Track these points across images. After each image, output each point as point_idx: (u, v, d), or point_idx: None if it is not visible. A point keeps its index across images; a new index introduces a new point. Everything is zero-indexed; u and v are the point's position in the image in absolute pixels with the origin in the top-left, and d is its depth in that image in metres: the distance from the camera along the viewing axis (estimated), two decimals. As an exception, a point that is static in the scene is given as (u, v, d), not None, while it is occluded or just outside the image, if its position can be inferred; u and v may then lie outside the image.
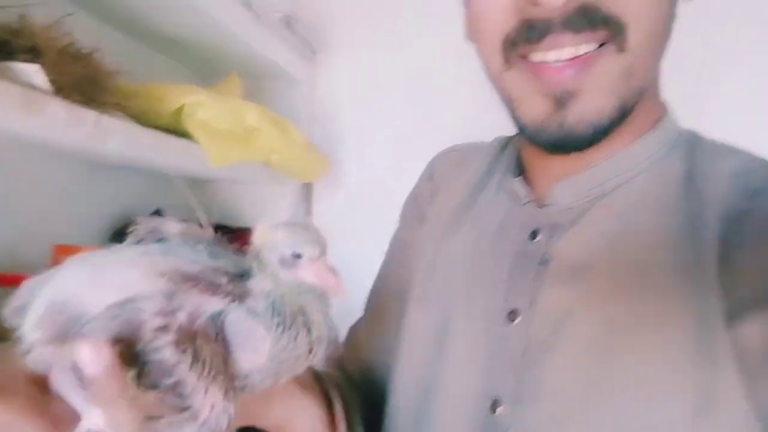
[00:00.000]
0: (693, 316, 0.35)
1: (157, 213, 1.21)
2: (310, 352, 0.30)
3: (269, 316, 0.29)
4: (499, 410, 0.39)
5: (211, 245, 0.32)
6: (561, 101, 0.38)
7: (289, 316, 0.29)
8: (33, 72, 0.58)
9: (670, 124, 0.45)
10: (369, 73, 1.37)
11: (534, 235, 0.44)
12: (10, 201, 0.80)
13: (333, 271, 0.31)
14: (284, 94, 1.37)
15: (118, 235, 1.15)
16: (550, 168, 0.45)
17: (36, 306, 0.27)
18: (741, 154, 0.43)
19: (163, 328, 0.26)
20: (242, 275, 0.30)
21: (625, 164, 0.42)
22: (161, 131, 0.89)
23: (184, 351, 0.26)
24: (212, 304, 0.28)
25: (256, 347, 0.28)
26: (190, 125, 0.90)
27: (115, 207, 1.18)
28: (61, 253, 0.88)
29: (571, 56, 0.37)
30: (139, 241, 0.31)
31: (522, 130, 0.41)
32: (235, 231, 1.36)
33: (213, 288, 0.28)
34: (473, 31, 0.44)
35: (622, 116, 0.39)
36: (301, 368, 0.31)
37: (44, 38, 0.71)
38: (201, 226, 0.33)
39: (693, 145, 0.44)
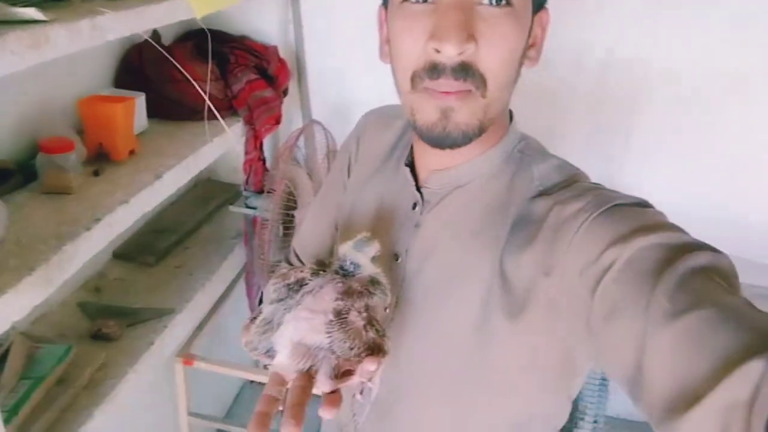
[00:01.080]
0: (490, 262, 0.58)
1: (155, 33, 1.30)
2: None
3: (384, 289, 0.57)
4: (387, 310, 0.64)
5: (329, 270, 0.58)
6: (445, 113, 0.55)
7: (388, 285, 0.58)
8: (33, 13, 0.67)
9: (510, 139, 0.63)
10: None
11: (414, 206, 0.65)
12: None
13: None
14: None
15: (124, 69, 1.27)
16: (429, 162, 0.64)
17: (281, 347, 0.52)
18: (549, 161, 0.61)
19: (366, 320, 0.53)
20: (353, 273, 0.58)
21: (474, 168, 0.62)
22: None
23: (371, 322, 0.53)
24: (368, 299, 0.55)
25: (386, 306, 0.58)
26: (170, -20, 0.96)
27: (120, 44, 1.27)
28: (85, 107, 1.03)
29: (454, 90, 0.53)
30: (291, 289, 0.56)
31: (417, 129, 0.58)
32: (234, 38, 1.45)
33: (365, 292, 0.55)
34: (387, 56, 0.60)
35: (480, 132, 0.57)
36: None
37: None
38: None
39: (522, 153, 0.62)
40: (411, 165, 0.67)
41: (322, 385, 0.50)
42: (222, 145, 1.25)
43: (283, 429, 0.46)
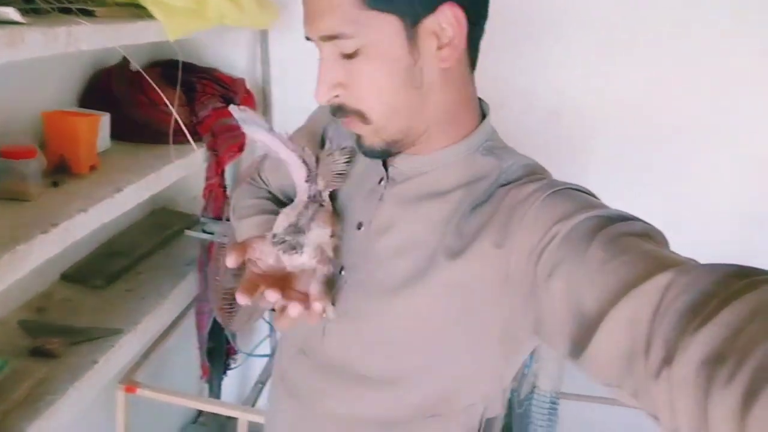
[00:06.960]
0: (441, 235, 0.64)
1: (124, 59, 1.32)
2: None
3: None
4: (342, 273, 0.70)
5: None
6: (359, 138, 0.66)
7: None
8: (12, 13, 0.69)
9: (477, 136, 0.67)
10: None
11: (380, 181, 0.70)
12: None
13: None
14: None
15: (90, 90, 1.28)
16: None
17: (308, 245, 0.64)
18: (518, 158, 0.67)
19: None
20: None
21: (437, 159, 0.67)
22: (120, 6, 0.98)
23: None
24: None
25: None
26: (147, 4, 0.99)
27: (88, 66, 1.29)
28: (50, 120, 1.04)
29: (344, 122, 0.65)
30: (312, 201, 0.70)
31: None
32: (202, 69, 1.48)
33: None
34: None
35: (394, 146, 0.65)
36: None
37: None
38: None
39: (490, 150, 0.68)
40: None
41: (313, 287, 0.62)
42: (184, 167, 1.26)
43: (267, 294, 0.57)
